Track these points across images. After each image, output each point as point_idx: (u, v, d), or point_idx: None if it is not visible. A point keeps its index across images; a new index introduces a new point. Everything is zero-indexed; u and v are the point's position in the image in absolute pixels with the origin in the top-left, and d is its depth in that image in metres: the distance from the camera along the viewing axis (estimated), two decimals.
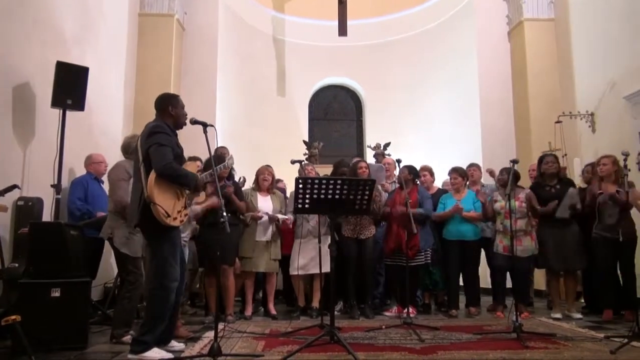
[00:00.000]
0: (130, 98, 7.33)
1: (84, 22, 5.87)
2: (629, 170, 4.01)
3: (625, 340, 3.49)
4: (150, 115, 3.48)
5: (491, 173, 6.08)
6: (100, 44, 6.25)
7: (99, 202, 4.85)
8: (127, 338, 3.57)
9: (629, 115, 6.16)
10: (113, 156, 4.46)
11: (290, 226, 5.33)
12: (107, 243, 4.18)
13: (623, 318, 4.81)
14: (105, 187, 4.73)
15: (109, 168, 4.40)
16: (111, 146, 5.83)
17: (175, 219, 3.21)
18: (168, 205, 3.16)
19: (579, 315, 4.99)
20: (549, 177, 5.20)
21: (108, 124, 6.41)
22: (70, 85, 4.82)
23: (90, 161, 5.12)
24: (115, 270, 4.68)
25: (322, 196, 3.57)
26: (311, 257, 5.08)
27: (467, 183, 5.75)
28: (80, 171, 5.24)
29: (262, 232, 5.14)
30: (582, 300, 5.72)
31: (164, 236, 3.22)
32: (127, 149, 4.10)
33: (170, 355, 3.21)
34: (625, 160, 3.95)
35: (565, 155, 6.93)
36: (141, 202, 3.15)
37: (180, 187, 3.30)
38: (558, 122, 7.18)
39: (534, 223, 5.22)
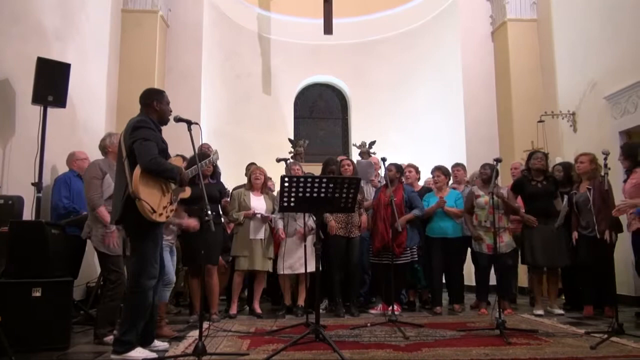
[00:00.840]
0: (113, 95, 7.24)
1: (66, 18, 5.77)
2: (609, 169, 4.08)
3: (605, 335, 3.56)
4: (134, 112, 3.44)
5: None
6: (82, 40, 6.15)
7: (82, 200, 4.78)
8: (110, 338, 3.53)
9: (609, 115, 6.27)
10: (96, 153, 4.39)
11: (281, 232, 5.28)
12: (89, 242, 4.13)
13: (603, 314, 4.89)
14: None
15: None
16: (94, 143, 5.68)
17: (160, 214, 3.18)
18: (153, 200, 3.13)
19: (560, 312, 5.07)
20: (536, 173, 5.28)
21: (91, 120, 6.32)
22: (52, 82, 4.74)
23: (73, 158, 5.05)
24: (98, 270, 4.63)
25: (308, 194, 3.57)
26: (298, 256, 5.08)
27: (450, 182, 5.80)
28: (63, 169, 5.16)
29: (255, 230, 5.13)
30: (563, 297, 5.81)
31: (147, 233, 3.19)
32: (104, 148, 4.09)
33: (154, 355, 3.18)
34: (605, 159, 4.02)
35: (548, 154, 7.02)
36: (124, 197, 3.12)
37: (166, 183, 3.27)
38: (540, 121, 7.28)
39: (511, 219, 5.32)
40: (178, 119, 3.31)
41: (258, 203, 5.23)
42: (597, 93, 6.51)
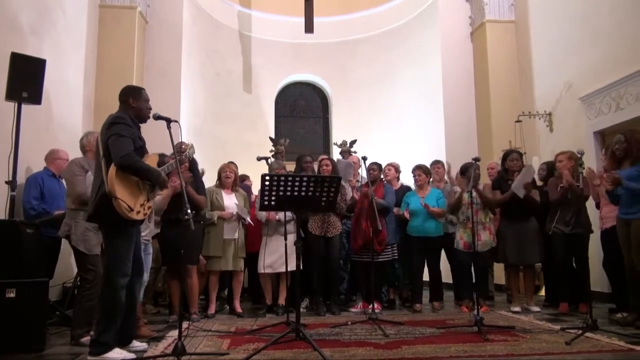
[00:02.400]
0: (91, 92, 7.11)
1: (41, 13, 5.64)
2: (584, 168, 4.17)
3: (580, 331, 3.64)
4: (112, 109, 3.38)
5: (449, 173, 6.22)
6: (58, 36, 6.03)
7: (56, 200, 4.68)
8: (87, 339, 3.46)
9: (584, 116, 6.41)
10: (73, 152, 4.31)
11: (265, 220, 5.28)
12: (65, 241, 4.06)
13: (578, 310, 5.00)
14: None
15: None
16: (70, 141, 5.62)
17: (138, 212, 3.14)
18: (130, 199, 3.09)
19: (537, 308, 5.16)
20: (513, 173, 5.36)
21: (67, 118, 6.20)
22: (26, 78, 4.63)
23: (56, 156, 4.91)
24: (75, 270, 4.55)
25: (288, 193, 3.56)
26: (279, 255, 5.07)
27: (431, 180, 5.86)
28: (37, 167, 5.04)
29: (230, 230, 5.10)
30: (542, 293, 5.92)
31: (121, 230, 3.14)
32: (83, 146, 4.04)
33: (132, 356, 3.14)
34: (580, 158, 4.11)
35: (525, 153, 7.14)
36: (98, 195, 3.07)
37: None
38: (518, 121, 7.39)
39: (491, 215, 5.37)
40: (157, 117, 3.28)
41: (230, 201, 5.19)
42: (573, 94, 6.65)
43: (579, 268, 4.93)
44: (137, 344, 3.39)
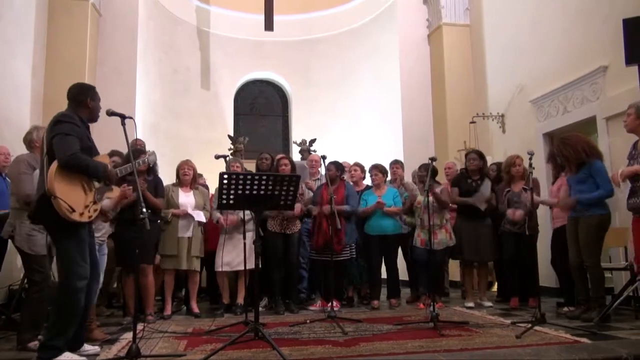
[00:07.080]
0: (39, 86, 6.80)
1: None
2: (534, 168, 4.32)
3: (529, 325, 3.78)
4: (62, 105, 3.25)
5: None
6: (4, 27, 5.75)
7: (0, 198, 4.45)
8: (35, 344, 3.32)
9: (534, 118, 6.67)
10: (19, 148, 4.11)
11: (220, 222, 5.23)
12: (11, 242, 3.87)
13: (528, 305, 5.19)
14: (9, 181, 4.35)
15: (12, 159, 4.08)
16: (16, 137, 5.34)
17: (82, 214, 3.01)
18: (73, 199, 2.96)
19: (489, 304, 5.33)
20: (472, 172, 5.51)
21: (13, 113, 5.92)
22: None
23: None
24: (22, 271, 4.35)
25: (247, 192, 3.53)
26: (236, 253, 5.02)
27: (388, 179, 5.94)
28: None
29: (184, 228, 5.01)
30: (494, 289, 6.12)
31: (69, 232, 3.02)
32: (30, 142, 3.86)
33: (84, 359, 3.03)
34: (530, 159, 4.26)
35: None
36: (40, 195, 2.95)
37: (88, 180, 3.11)
38: (472, 122, 7.61)
39: (448, 216, 5.50)
40: (111, 113, 3.16)
41: (187, 199, 5.11)
42: (524, 97, 6.90)
43: (528, 264, 5.12)
44: (88, 348, 3.28)
